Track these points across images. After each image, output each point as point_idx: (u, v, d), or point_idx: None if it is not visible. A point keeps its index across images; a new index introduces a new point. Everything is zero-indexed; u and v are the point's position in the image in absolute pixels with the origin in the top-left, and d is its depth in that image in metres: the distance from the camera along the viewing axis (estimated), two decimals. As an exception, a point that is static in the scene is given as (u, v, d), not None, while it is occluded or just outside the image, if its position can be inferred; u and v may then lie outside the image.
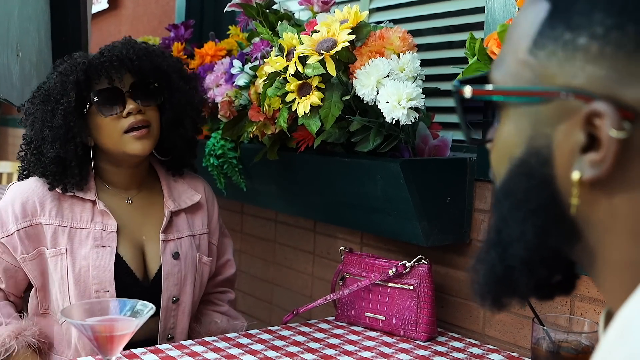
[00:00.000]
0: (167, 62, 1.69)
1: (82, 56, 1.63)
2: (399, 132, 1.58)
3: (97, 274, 1.58)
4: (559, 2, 0.62)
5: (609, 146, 0.57)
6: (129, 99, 1.61)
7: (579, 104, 0.59)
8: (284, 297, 2.37)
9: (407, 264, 1.66)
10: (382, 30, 1.60)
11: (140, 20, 3.49)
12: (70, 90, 1.56)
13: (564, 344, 1.23)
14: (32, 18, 2.17)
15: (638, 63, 0.57)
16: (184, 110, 1.70)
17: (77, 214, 1.63)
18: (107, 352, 1.14)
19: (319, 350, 1.56)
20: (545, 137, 0.62)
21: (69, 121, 1.56)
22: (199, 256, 1.75)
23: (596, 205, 0.60)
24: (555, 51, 0.61)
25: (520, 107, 0.65)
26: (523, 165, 0.64)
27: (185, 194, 1.77)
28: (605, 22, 0.58)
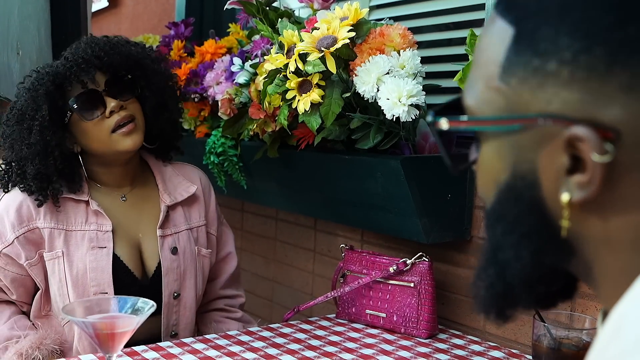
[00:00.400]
0: (135, 50, 1.65)
1: (46, 66, 1.59)
2: (399, 129, 1.58)
3: (95, 276, 1.57)
4: (522, 28, 0.61)
5: (595, 168, 0.56)
6: (108, 98, 1.58)
7: (558, 129, 0.58)
8: (284, 294, 2.37)
9: (408, 261, 1.66)
10: (382, 28, 1.60)
11: (140, 18, 3.49)
12: (42, 103, 1.53)
13: (565, 340, 1.23)
14: (32, 16, 2.17)
15: (611, 83, 0.56)
16: (165, 93, 1.69)
17: (72, 215, 1.61)
18: (109, 349, 1.14)
19: (320, 347, 1.56)
20: (528, 162, 0.62)
21: (45, 136, 1.53)
22: (198, 249, 1.73)
23: (588, 223, 0.60)
24: (526, 78, 0.60)
25: (499, 135, 0.64)
26: (510, 189, 0.64)
27: (181, 186, 1.75)
28: (573, 46, 0.57)
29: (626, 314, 0.49)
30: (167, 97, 1.70)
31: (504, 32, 0.63)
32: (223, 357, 1.47)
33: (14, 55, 2.09)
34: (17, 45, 2.10)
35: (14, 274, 1.61)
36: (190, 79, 2.17)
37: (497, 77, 0.63)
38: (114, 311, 1.18)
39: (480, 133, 0.68)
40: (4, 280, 1.61)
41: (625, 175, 0.57)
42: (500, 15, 0.64)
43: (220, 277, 1.85)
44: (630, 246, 0.58)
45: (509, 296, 0.66)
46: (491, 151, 0.66)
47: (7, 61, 2.06)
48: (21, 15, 2.11)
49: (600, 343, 0.50)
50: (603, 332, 0.50)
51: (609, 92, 0.56)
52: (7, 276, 1.61)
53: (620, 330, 0.48)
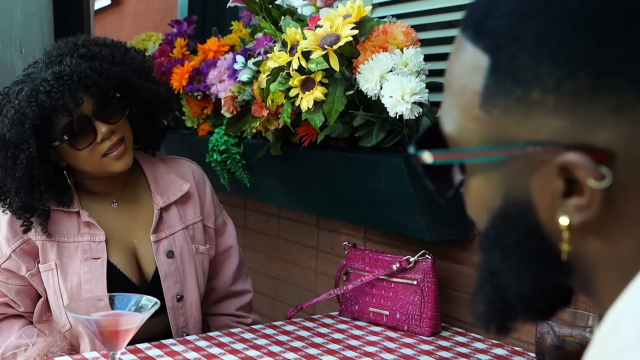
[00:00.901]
0: (122, 69, 1.55)
1: (29, 98, 1.45)
2: (402, 126, 1.58)
3: (90, 287, 1.55)
4: (498, 57, 0.60)
5: (593, 192, 0.56)
6: (98, 123, 1.51)
7: (548, 155, 0.57)
8: (287, 292, 2.37)
9: (411, 259, 1.66)
10: (385, 25, 1.60)
11: (143, 16, 3.49)
12: (29, 138, 1.45)
13: (569, 338, 1.23)
14: (35, 15, 2.18)
15: (598, 107, 0.55)
16: (152, 106, 1.65)
17: (63, 227, 1.58)
18: (112, 346, 1.15)
19: (323, 345, 1.56)
20: (521, 187, 0.61)
21: (32, 169, 1.47)
22: (195, 247, 1.70)
23: (587, 243, 0.60)
24: (509, 107, 0.59)
25: (487, 165, 0.63)
26: (505, 215, 0.63)
27: (174, 185, 1.70)
28: (555, 74, 0.56)
29: (623, 312, 0.49)
30: (155, 109, 1.66)
31: (478, 61, 0.61)
32: (226, 355, 1.47)
33: (17, 53, 2.09)
34: (20, 43, 2.10)
35: (17, 286, 1.60)
36: (193, 76, 2.17)
37: (477, 106, 0.62)
38: (118, 308, 1.18)
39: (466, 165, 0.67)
40: (8, 294, 1.61)
41: (623, 194, 0.56)
42: (471, 41, 0.63)
43: (225, 273, 1.83)
44: (631, 259, 0.58)
45: (509, 312, 0.66)
46: (480, 179, 0.64)
47: (11, 59, 2.06)
48: (24, 13, 2.11)
49: (597, 341, 0.50)
50: (600, 330, 0.51)
51: (597, 116, 0.55)
52: (11, 290, 1.60)
53: (618, 328, 0.48)
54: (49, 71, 1.48)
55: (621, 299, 0.52)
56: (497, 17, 0.60)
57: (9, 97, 1.50)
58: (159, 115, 1.69)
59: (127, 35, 3.49)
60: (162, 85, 1.71)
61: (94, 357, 1.44)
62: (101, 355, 1.44)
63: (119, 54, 1.58)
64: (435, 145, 0.67)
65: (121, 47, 1.62)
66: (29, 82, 1.49)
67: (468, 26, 0.64)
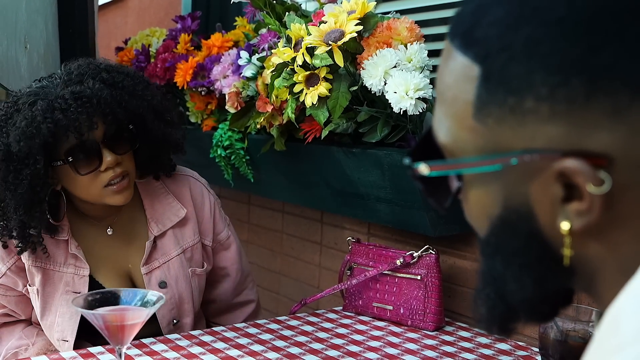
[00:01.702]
0: (141, 104, 1.51)
1: (45, 113, 1.39)
2: (406, 122, 1.58)
3: (62, 321, 1.53)
4: (489, 66, 0.59)
5: (593, 197, 0.56)
6: (105, 150, 1.46)
7: (546, 163, 0.57)
8: (291, 287, 2.38)
9: (415, 254, 1.67)
10: (389, 21, 1.60)
11: (147, 11, 3.50)
12: (37, 154, 1.39)
13: (572, 332, 1.23)
14: (39, 10, 2.18)
15: (594, 112, 0.55)
16: (159, 145, 1.59)
17: (51, 253, 1.54)
18: (118, 341, 1.15)
19: (327, 340, 1.57)
20: (520, 195, 0.61)
21: (35, 186, 1.42)
22: (192, 271, 1.65)
23: (589, 246, 0.60)
24: (503, 117, 0.59)
25: (484, 175, 0.63)
26: (505, 223, 0.63)
27: (170, 210, 1.64)
28: (548, 81, 0.56)
29: (623, 307, 0.50)
30: (162, 149, 1.61)
31: (469, 70, 0.61)
32: (231, 349, 1.48)
33: (22, 49, 2.10)
34: (25, 39, 2.10)
35: (16, 297, 1.60)
36: (197, 72, 2.18)
37: (470, 116, 0.61)
38: (124, 303, 1.19)
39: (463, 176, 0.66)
40: (8, 305, 1.61)
41: (623, 196, 0.56)
42: (460, 50, 0.62)
43: (226, 287, 1.79)
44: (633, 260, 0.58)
45: (511, 314, 0.66)
46: (478, 189, 0.64)
47: (15, 55, 2.07)
48: (29, 9, 2.12)
49: (598, 337, 0.51)
50: (601, 326, 0.51)
51: (593, 121, 0.55)
52: (10, 301, 1.61)
53: (618, 323, 0.49)
54: (67, 89, 1.42)
55: (621, 295, 0.52)
56: (485, 26, 0.60)
57: (18, 107, 1.44)
58: (166, 154, 1.63)
59: (131, 30, 3.50)
60: (175, 127, 1.63)
61: (100, 351, 1.45)
62: (106, 350, 1.45)
63: (140, 88, 1.53)
64: (430, 154, 0.67)
65: (143, 81, 1.58)
66: (43, 96, 1.42)
67: (456, 35, 0.63)
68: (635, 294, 0.50)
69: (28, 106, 1.41)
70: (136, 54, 2.46)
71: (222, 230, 1.75)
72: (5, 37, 2.01)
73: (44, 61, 2.19)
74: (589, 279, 0.62)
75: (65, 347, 1.53)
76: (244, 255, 1.84)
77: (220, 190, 2.62)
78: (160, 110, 1.57)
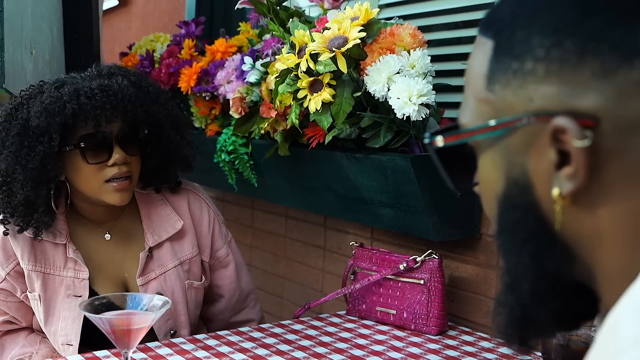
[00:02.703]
0: (162, 111, 1.56)
1: (71, 95, 1.44)
2: (409, 128, 1.60)
3: (65, 325, 1.54)
4: (500, 37, 0.65)
5: (578, 157, 0.58)
6: (117, 147, 1.49)
7: (542, 126, 0.60)
8: (294, 291, 2.39)
9: (418, 259, 1.68)
10: (392, 27, 1.61)
11: (151, 16, 3.51)
12: (54, 132, 1.42)
13: (574, 337, 1.24)
14: (45, 16, 2.20)
15: (583, 72, 0.59)
16: (170, 159, 1.62)
17: (50, 258, 1.56)
18: (125, 345, 1.17)
19: (331, 344, 1.57)
20: (519, 165, 0.63)
21: (46, 164, 1.43)
22: (189, 283, 1.66)
23: (581, 221, 0.61)
24: (508, 82, 0.63)
25: (491, 144, 0.66)
26: (507, 198, 0.66)
27: (167, 221, 1.64)
28: (544, 43, 0.61)
29: (623, 313, 0.51)
30: (171, 163, 1.63)
31: (486, 47, 0.66)
32: (235, 353, 1.49)
33: (28, 54, 2.11)
34: (31, 44, 2.12)
35: (17, 303, 1.61)
36: (201, 77, 2.19)
37: (484, 88, 0.66)
38: (131, 308, 1.20)
39: (475, 147, 0.69)
40: (9, 312, 1.62)
41: (610, 164, 0.58)
42: (482, 34, 0.68)
43: (224, 305, 1.78)
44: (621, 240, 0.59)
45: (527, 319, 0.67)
46: (487, 164, 0.67)
47: (21, 60, 2.08)
48: (34, 15, 2.13)
49: (598, 342, 0.52)
50: (601, 331, 0.52)
51: (583, 81, 0.59)
52: (11, 307, 1.61)
53: (618, 329, 0.49)
54: (96, 81, 1.48)
55: (622, 300, 0.53)
56: (503, 8, 0.66)
57: (43, 90, 1.48)
58: (172, 169, 1.64)
59: (135, 35, 3.51)
60: (188, 144, 1.65)
61: (106, 355, 1.46)
62: (112, 354, 1.46)
63: (163, 97, 1.59)
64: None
65: (167, 93, 1.64)
66: (72, 83, 1.48)
67: (482, 22, 0.69)
68: (636, 299, 0.51)
69: (55, 88, 1.46)
70: (140, 59, 2.47)
71: (221, 248, 1.74)
72: (12, 43, 2.02)
73: (49, 66, 2.21)
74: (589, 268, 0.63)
75: (69, 351, 1.54)
76: (245, 274, 1.82)
77: (224, 195, 2.64)
78: (178, 123, 1.61)
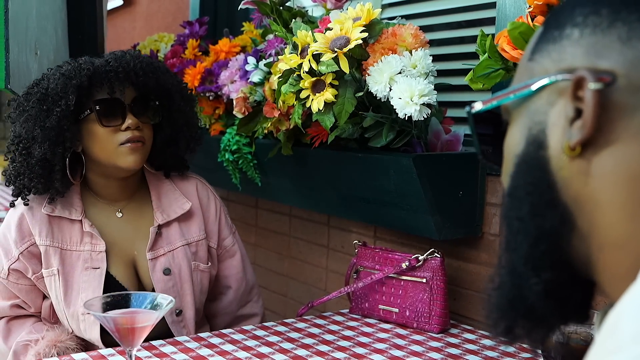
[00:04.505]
0: (172, 82, 1.68)
1: (87, 62, 1.60)
2: (411, 127, 1.60)
3: (86, 296, 1.57)
4: (549, 17, 0.70)
5: (589, 108, 0.61)
6: (129, 113, 1.59)
7: (566, 83, 0.64)
8: (298, 290, 2.40)
9: (420, 257, 1.69)
10: (394, 28, 1.62)
11: (155, 16, 3.53)
12: (71, 93, 1.53)
13: (574, 335, 1.25)
14: (49, 17, 2.21)
15: (610, 37, 0.63)
16: (181, 130, 1.70)
17: (67, 234, 1.62)
18: (129, 343, 1.18)
19: (334, 342, 1.59)
20: (540, 123, 0.66)
21: (63, 124, 1.53)
22: (195, 265, 1.71)
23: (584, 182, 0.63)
24: (548, 49, 0.68)
25: (521, 105, 0.69)
26: (523, 157, 0.68)
27: (176, 203, 1.72)
28: (584, 11, 0.65)
29: (624, 311, 0.51)
30: (182, 134, 1.71)
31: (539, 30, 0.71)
32: (239, 352, 1.50)
33: (32, 55, 2.13)
34: (35, 45, 2.13)
35: (27, 286, 1.64)
36: (205, 77, 2.20)
37: (527, 59, 0.70)
38: (135, 306, 1.22)
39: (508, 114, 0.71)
40: (19, 295, 1.65)
41: (619, 121, 0.61)
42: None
43: (231, 297, 1.83)
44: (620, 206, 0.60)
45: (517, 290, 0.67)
46: (514, 127, 0.70)
47: (26, 61, 2.09)
48: (39, 16, 2.14)
49: (598, 340, 0.52)
50: (602, 330, 0.53)
51: (608, 43, 0.63)
52: (21, 290, 1.64)
53: (618, 325, 0.50)
54: (111, 56, 1.62)
55: (622, 299, 0.54)
56: None
57: (64, 64, 1.63)
58: (182, 142, 1.73)
59: (139, 35, 3.53)
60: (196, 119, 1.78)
61: (110, 353, 1.47)
62: (117, 353, 1.48)
63: (171, 74, 1.72)
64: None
65: (175, 74, 1.78)
66: (91, 59, 1.62)
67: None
68: (636, 298, 0.52)
69: (74, 61, 1.63)
70: (145, 59, 2.48)
71: (227, 237, 1.81)
72: (16, 43, 2.04)
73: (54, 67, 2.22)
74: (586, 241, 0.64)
75: (90, 320, 1.58)
76: (249, 266, 1.87)
77: (228, 194, 2.65)
78: (187, 97, 1.73)
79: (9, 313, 1.66)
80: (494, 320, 0.70)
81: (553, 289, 0.67)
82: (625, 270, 0.61)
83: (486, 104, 0.72)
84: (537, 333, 0.70)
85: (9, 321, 1.67)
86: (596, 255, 0.64)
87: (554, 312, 0.69)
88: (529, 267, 0.66)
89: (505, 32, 1.32)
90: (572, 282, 0.69)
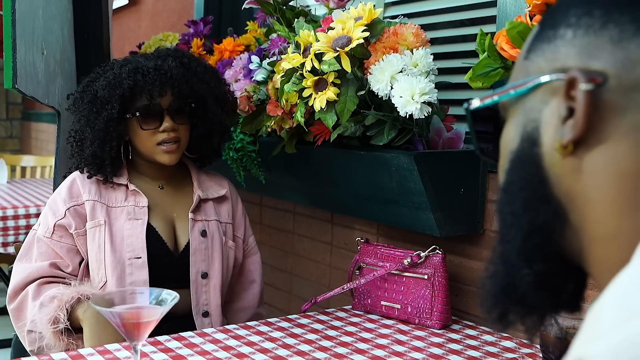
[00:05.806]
0: (208, 88, 1.81)
1: (128, 71, 1.72)
2: (412, 125, 1.62)
3: (131, 242, 1.73)
4: (545, 17, 0.71)
5: (580, 108, 0.62)
6: (167, 117, 1.75)
7: (559, 82, 0.65)
8: (302, 286, 2.42)
9: (422, 254, 1.70)
10: (396, 27, 1.64)
11: (160, 16, 3.55)
12: (115, 102, 1.71)
13: (572, 330, 1.26)
14: (55, 17, 2.23)
15: (603, 37, 0.64)
16: (214, 128, 1.86)
17: (113, 196, 1.79)
18: (134, 338, 1.20)
19: (337, 337, 1.60)
20: (534, 121, 0.67)
21: (109, 126, 1.72)
22: (225, 239, 1.86)
23: (576, 179, 0.64)
24: (542, 49, 0.68)
25: (516, 103, 0.70)
26: (518, 153, 0.69)
27: (213, 188, 1.90)
28: (577, 12, 0.66)
29: (605, 300, 0.53)
30: (215, 131, 1.86)
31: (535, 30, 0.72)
32: (243, 347, 1.53)
33: (39, 55, 2.15)
34: (42, 45, 2.16)
35: (68, 245, 1.75)
36: (210, 76, 2.22)
37: (522, 58, 0.71)
38: (140, 302, 1.24)
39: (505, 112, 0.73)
40: (60, 252, 1.74)
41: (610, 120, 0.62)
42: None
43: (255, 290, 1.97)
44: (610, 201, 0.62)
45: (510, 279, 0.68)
46: (510, 124, 0.71)
47: (33, 61, 2.12)
48: (45, 16, 2.17)
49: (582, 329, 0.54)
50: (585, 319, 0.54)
51: (600, 45, 0.64)
52: (62, 247, 1.74)
53: (599, 314, 0.52)
54: (152, 62, 1.76)
55: (606, 291, 0.55)
56: None
57: (112, 66, 1.78)
58: (216, 137, 1.89)
59: (144, 34, 3.55)
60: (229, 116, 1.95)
61: (116, 348, 1.50)
62: (123, 347, 1.50)
63: (208, 76, 1.84)
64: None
65: (214, 73, 1.89)
66: (134, 63, 1.76)
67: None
68: (619, 287, 0.54)
69: (119, 67, 1.76)
70: (150, 58, 2.50)
71: (251, 236, 2.00)
72: (23, 44, 2.07)
73: (61, 66, 2.24)
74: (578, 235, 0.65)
75: (138, 263, 1.72)
76: None
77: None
78: (221, 98, 1.86)
79: (46, 272, 1.73)
80: (489, 306, 0.72)
81: (544, 280, 0.69)
82: (614, 264, 0.62)
83: (484, 100, 0.73)
84: (530, 320, 0.71)
85: (42, 284, 1.72)
86: (587, 249, 0.65)
87: (545, 301, 0.70)
88: (521, 258, 0.68)
89: (504, 32, 1.34)
90: (564, 273, 0.70)
